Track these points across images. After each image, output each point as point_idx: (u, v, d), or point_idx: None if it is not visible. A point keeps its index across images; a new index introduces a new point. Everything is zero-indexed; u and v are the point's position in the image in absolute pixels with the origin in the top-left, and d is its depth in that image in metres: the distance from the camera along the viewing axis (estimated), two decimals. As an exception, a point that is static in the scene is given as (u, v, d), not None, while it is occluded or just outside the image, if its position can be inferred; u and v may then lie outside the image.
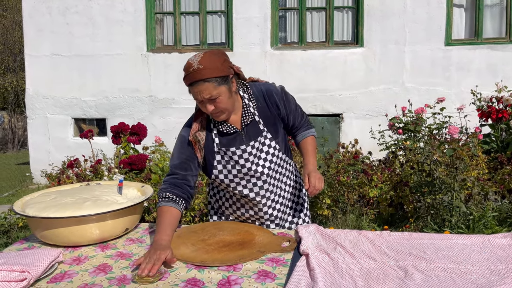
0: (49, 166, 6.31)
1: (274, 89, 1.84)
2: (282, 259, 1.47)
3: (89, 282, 1.34)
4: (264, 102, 1.81)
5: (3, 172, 10.01)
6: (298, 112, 1.94)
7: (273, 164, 1.85)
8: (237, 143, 1.79)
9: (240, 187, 1.84)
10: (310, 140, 1.97)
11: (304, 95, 6.81)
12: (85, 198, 1.67)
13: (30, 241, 1.69)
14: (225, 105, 1.65)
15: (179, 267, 1.43)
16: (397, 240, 1.60)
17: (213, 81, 1.59)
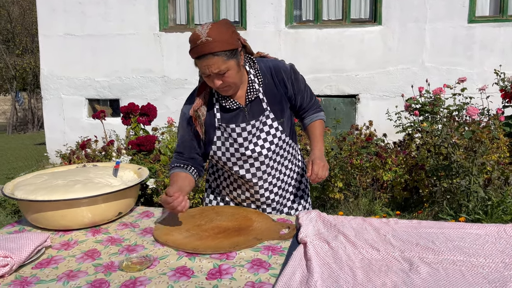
0: (63, 147, 6.36)
1: (283, 66, 1.73)
2: (279, 248, 1.38)
3: (74, 268, 1.28)
4: (271, 79, 1.71)
5: (22, 152, 10.17)
6: (307, 93, 1.83)
7: (273, 145, 1.75)
8: (238, 120, 1.70)
9: (237, 167, 1.76)
10: (318, 124, 1.85)
11: (319, 75, 6.64)
12: (76, 181, 1.61)
13: (22, 224, 1.64)
14: (233, 80, 1.58)
15: (169, 255, 1.36)
16: (404, 229, 1.49)
17: (223, 54, 1.50)
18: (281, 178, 1.85)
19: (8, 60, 15.28)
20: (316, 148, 1.78)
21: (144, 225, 1.62)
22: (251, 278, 1.20)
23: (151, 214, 1.75)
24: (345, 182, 3.88)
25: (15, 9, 14.35)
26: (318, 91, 6.67)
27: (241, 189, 1.87)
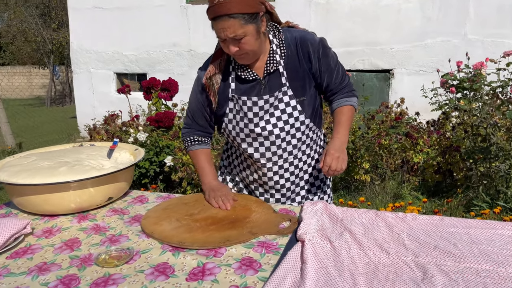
0: (92, 121, 6.40)
1: (311, 38, 1.52)
2: (275, 245, 1.23)
3: (49, 260, 1.18)
4: (295, 51, 1.52)
5: (57, 125, 10.43)
6: (338, 73, 1.60)
7: (287, 125, 1.56)
8: (252, 92, 1.54)
9: (245, 144, 1.61)
10: (347, 110, 1.61)
11: (351, 48, 6.30)
12: (64, 162, 1.50)
13: (10, 206, 1.56)
14: (250, 47, 1.41)
15: (153, 248, 1.23)
16: (422, 226, 1.29)
17: (240, 17, 1.34)
18: (295, 164, 1.66)
19: (45, 34, 15.59)
20: (337, 137, 1.56)
21: (135, 211, 1.50)
22: (236, 281, 1.05)
23: (145, 199, 1.62)
24: (372, 164, 3.65)
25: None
26: (350, 66, 6.35)
27: (250, 170, 1.71)
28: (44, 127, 10.18)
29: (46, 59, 16.42)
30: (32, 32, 15.98)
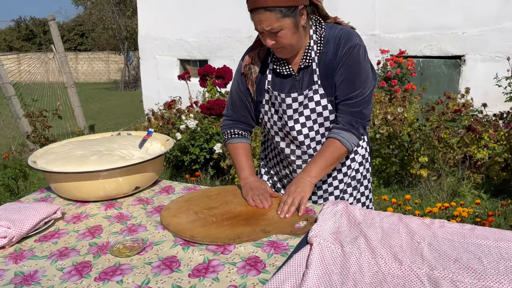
0: (155, 106, 6.68)
1: (348, 39, 1.41)
2: (285, 245, 1.20)
3: (70, 246, 1.25)
4: (332, 49, 1.44)
5: (128, 108, 11.04)
6: (354, 90, 1.43)
7: (316, 125, 1.50)
8: (285, 88, 1.51)
9: (278, 137, 1.60)
10: (333, 148, 1.45)
11: (418, 33, 5.92)
12: (96, 151, 1.57)
13: (50, 191, 1.68)
14: (287, 41, 1.37)
15: (165, 241, 1.25)
16: (449, 236, 1.19)
17: (277, 10, 1.31)
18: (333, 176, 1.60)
19: (120, 21, 16.45)
20: (306, 177, 1.45)
21: (159, 202, 1.54)
22: (236, 281, 1.04)
23: (172, 190, 1.66)
24: (429, 158, 3.43)
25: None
26: (416, 52, 5.98)
27: (282, 164, 1.69)
28: (115, 110, 10.82)
29: (121, 45, 17.37)
30: (109, 19, 16.95)
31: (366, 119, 1.48)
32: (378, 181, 3.72)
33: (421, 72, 5.75)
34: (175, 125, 4.04)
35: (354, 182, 1.64)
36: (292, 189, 1.41)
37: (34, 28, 30.36)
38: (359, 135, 1.47)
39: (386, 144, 3.57)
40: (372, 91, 1.48)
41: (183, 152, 3.89)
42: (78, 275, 1.10)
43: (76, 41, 29.11)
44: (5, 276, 1.11)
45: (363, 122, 1.47)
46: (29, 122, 4.80)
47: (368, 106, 1.47)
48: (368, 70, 1.45)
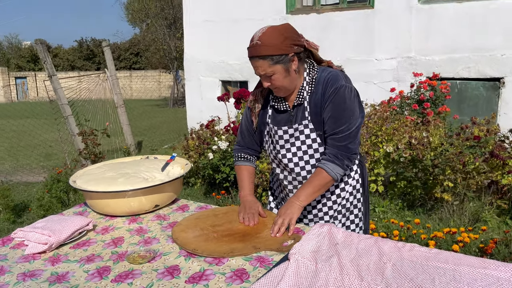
0: (197, 124, 7.06)
1: (335, 81, 1.61)
2: (270, 260, 1.40)
3: (96, 253, 1.52)
4: (321, 89, 1.65)
5: (173, 125, 11.59)
6: (339, 126, 1.61)
7: (306, 156, 1.71)
8: (281, 122, 1.73)
9: (274, 164, 1.83)
10: (320, 177, 1.63)
11: (455, 55, 5.91)
12: (124, 173, 1.85)
13: (86, 205, 1.98)
14: (280, 83, 1.61)
15: (172, 252, 1.50)
16: (414, 258, 1.34)
17: (269, 59, 1.55)
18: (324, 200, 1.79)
19: (170, 42, 17.35)
20: (295, 201, 1.63)
21: (174, 218, 1.79)
22: (222, 288, 1.26)
23: (187, 207, 1.91)
24: (452, 183, 3.47)
25: (177, -4, 16.16)
26: (453, 74, 5.96)
27: (280, 187, 1.91)
28: (162, 127, 11.41)
29: (170, 64, 18.26)
30: (160, 41, 17.92)
31: (351, 152, 1.65)
32: (402, 203, 3.79)
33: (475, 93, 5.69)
34: (210, 145, 4.33)
35: (344, 210, 1.81)
36: (282, 211, 1.61)
37: (94, 48, 32.47)
38: (343, 166, 1.65)
39: (409, 168, 3.65)
40: (358, 127, 1.65)
41: (216, 170, 4.16)
42: (99, 277, 1.36)
43: (131, 60, 30.79)
44: (43, 275, 1.39)
45: (348, 155, 1.65)
46: (82, 140, 5.30)
47: (353, 141, 1.64)
48: (354, 108, 1.63)
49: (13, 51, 37.29)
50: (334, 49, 6.61)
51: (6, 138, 10.43)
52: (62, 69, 30.80)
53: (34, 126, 10.99)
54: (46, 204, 3.94)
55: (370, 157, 3.95)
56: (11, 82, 26.68)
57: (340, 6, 6.63)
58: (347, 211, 1.82)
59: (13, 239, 1.65)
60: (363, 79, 6.46)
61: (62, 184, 4.01)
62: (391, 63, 6.33)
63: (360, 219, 1.85)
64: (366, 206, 1.87)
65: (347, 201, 1.80)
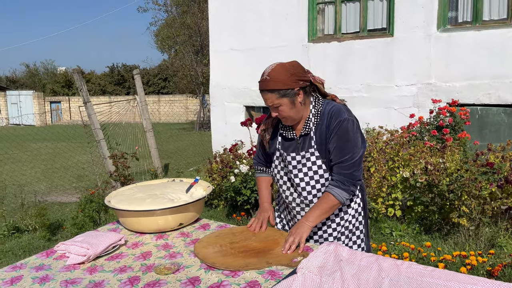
0: (221, 148, 7.32)
1: (339, 114, 1.79)
2: (280, 273, 1.57)
3: (128, 265, 1.73)
4: (326, 121, 1.83)
5: (199, 148, 11.91)
6: (344, 155, 1.79)
7: (313, 181, 1.89)
8: (289, 149, 1.92)
9: (285, 187, 2.00)
10: (327, 200, 1.80)
11: (475, 82, 5.99)
12: (152, 195, 2.07)
13: (118, 223, 2.20)
14: (286, 114, 1.81)
15: (194, 265, 1.68)
16: (410, 275, 1.48)
17: (276, 92, 1.76)
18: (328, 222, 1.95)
19: (197, 68, 17.96)
20: (305, 222, 1.79)
21: (196, 236, 1.99)
22: (236, 296, 1.43)
23: (208, 226, 2.10)
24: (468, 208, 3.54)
25: (203, 24, 16.77)
26: (474, 100, 6.03)
27: (286, 210, 2.09)
28: (188, 150, 11.74)
29: (197, 89, 18.83)
30: (188, 67, 18.57)
31: (355, 179, 1.82)
32: (420, 228, 3.87)
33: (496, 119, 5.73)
34: (232, 168, 4.54)
35: (347, 232, 1.97)
36: (293, 231, 1.78)
37: (125, 73, 33.74)
38: (349, 191, 1.82)
39: (426, 193, 3.74)
40: (361, 157, 1.82)
41: (237, 193, 4.35)
42: (130, 285, 1.55)
43: (159, 85, 31.80)
44: (82, 283, 1.60)
45: (353, 181, 1.81)
46: (112, 163, 5.61)
47: (358, 169, 1.81)
48: (357, 139, 1.80)
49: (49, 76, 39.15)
50: (355, 76, 6.80)
51: (42, 160, 10.98)
52: (94, 93, 32.08)
53: (68, 149, 11.52)
54: (80, 222, 4.21)
55: (387, 181, 4.06)
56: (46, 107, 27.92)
57: (361, 34, 6.84)
58: (350, 232, 1.97)
59: (56, 251, 1.87)
60: (383, 105, 6.59)
61: (94, 204, 4.29)
62: (411, 89, 6.45)
63: (361, 240, 2.00)
64: (366, 228, 2.02)
65: (350, 223, 1.96)
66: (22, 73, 41.13)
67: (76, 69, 6.34)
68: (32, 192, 7.03)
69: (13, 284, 1.59)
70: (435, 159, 3.87)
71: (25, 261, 1.80)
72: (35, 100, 27.33)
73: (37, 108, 27.19)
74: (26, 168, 9.80)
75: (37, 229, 4.84)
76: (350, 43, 6.89)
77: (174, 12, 18.96)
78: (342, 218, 1.95)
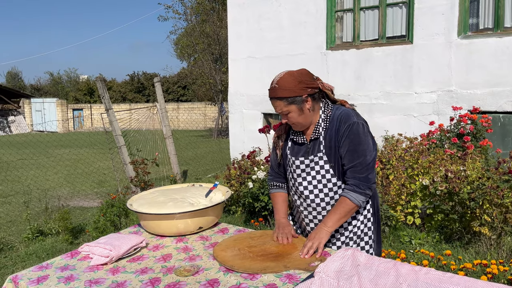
0: (239, 155, 7.37)
1: (348, 119, 1.83)
2: (297, 277, 1.59)
3: (149, 266, 1.77)
4: (335, 126, 1.86)
5: (217, 155, 11.99)
6: (357, 159, 1.80)
7: (320, 185, 1.91)
8: (299, 154, 1.95)
9: (293, 191, 2.03)
10: (344, 204, 1.82)
11: (497, 89, 5.90)
12: (172, 198, 2.12)
13: (140, 226, 2.25)
14: (295, 120, 1.86)
15: (213, 268, 1.72)
16: (428, 281, 1.48)
17: (284, 100, 1.82)
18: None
19: (216, 76, 18.14)
20: (324, 228, 1.82)
21: (215, 239, 2.02)
22: (254, 298, 1.46)
23: (227, 230, 2.14)
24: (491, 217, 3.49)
25: (222, 32, 16.96)
26: (496, 107, 5.94)
27: (298, 214, 2.10)
28: (207, 157, 11.84)
29: (216, 97, 19.00)
30: (206, 75, 18.78)
31: (370, 182, 1.83)
32: (440, 236, 3.82)
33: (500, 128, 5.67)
34: (250, 174, 4.57)
35: (355, 237, 1.97)
36: (312, 236, 1.80)
37: (145, 81, 34.27)
38: (365, 194, 1.83)
39: (446, 201, 3.70)
40: (374, 159, 1.84)
41: (255, 199, 4.38)
42: (151, 286, 1.60)
43: (178, 93, 32.18)
44: (105, 283, 1.65)
45: (368, 184, 1.82)
46: (133, 168, 5.71)
47: (372, 172, 1.83)
48: (368, 141, 1.83)
49: (72, 84, 40.07)
50: (374, 83, 6.78)
51: (65, 166, 11.23)
52: (115, 101, 32.66)
53: (90, 155, 11.76)
54: (101, 226, 4.30)
55: (406, 189, 4.03)
56: (69, 114, 28.57)
57: (380, 42, 6.83)
58: (358, 238, 1.98)
59: (80, 253, 1.93)
60: (402, 112, 6.55)
61: (115, 209, 4.37)
62: (431, 97, 6.39)
63: (370, 246, 2.00)
64: (377, 234, 2.02)
65: (358, 229, 1.97)
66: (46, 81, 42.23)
67: (99, 77, 6.51)
68: (56, 196, 7.20)
69: (40, 283, 1.65)
70: (456, 166, 3.83)
71: (51, 261, 1.87)
72: (58, 107, 28.01)
73: (60, 115, 27.83)
74: (49, 173, 10.04)
75: (60, 233, 4.95)
76: (369, 50, 6.88)
77: (194, 20, 19.22)
78: (350, 224, 1.96)
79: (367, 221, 1.98)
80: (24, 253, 4.47)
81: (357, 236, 1.97)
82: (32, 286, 1.63)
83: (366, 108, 6.88)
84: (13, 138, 20.00)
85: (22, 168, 10.80)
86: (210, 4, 19.14)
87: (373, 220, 2.00)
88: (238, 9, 8.21)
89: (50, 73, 41.61)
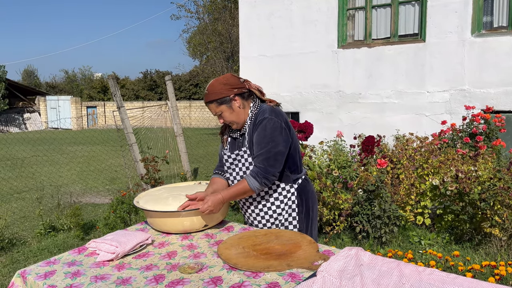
0: (249, 153, 7.38)
1: (262, 115, 2.04)
2: (300, 276, 1.59)
3: (154, 263, 1.79)
4: (255, 121, 2.06)
5: (229, 154, 12.02)
6: (260, 149, 2.01)
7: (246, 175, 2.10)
8: (234, 147, 2.17)
9: (230, 182, 2.24)
10: (243, 183, 2.05)
11: (511, 88, 5.81)
12: (178, 196, 2.13)
13: (146, 223, 2.28)
14: (228, 119, 2.09)
15: (217, 265, 1.73)
16: (432, 281, 1.47)
17: (214, 102, 2.06)
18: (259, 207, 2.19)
19: (228, 74, 18.19)
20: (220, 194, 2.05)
21: (220, 237, 2.04)
22: (256, 296, 1.46)
23: (232, 228, 2.15)
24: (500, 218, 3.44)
25: (234, 31, 16.97)
26: (510, 107, 5.85)
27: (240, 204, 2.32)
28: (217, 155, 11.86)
29: (227, 95, 19.05)
30: (219, 73, 18.82)
31: (268, 173, 2.02)
32: (450, 237, 3.78)
33: None
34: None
35: (275, 215, 2.18)
36: (211, 199, 2.02)
37: (158, 79, 34.49)
38: (261, 183, 2.03)
39: (456, 201, 3.66)
40: (277, 154, 1.99)
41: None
42: (156, 282, 1.62)
43: (190, 91, 32.30)
44: (111, 278, 1.67)
45: (265, 175, 2.02)
46: (143, 166, 5.76)
47: (273, 165, 2.00)
48: (274, 137, 1.99)
49: (86, 82, 40.52)
50: (385, 81, 6.73)
51: (78, 163, 11.38)
52: (128, 98, 32.94)
53: (102, 152, 11.89)
54: (111, 223, 4.36)
55: (416, 189, 4.00)
56: (83, 111, 28.91)
57: (391, 40, 6.77)
58: (282, 225, 2.17)
59: (87, 249, 1.96)
60: (414, 111, 6.49)
61: (125, 206, 4.42)
62: (443, 96, 6.32)
63: (292, 224, 2.20)
64: (304, 226, 2.19)
65: (279, 215, 2.16)
66: (61, 79, 42.76)
67: (111, 75, 6.58)
68: (68, 193, 7.31)
69: (47, 278, 1.68)
70: (467, 167, 3.78)
71: (58, 257, 1.90)
72: (72, 105, 28.35)
73: (74, 112, 28.17)
74: (63, 170, 10.19)
75: (71, 229, 5.03)
76: (381, 48, 6.83)
77: (206, 19, 19.30)
78: (270, 208, 2.18)
79: (292, 211, 2.19)
80: (36, 248, 4.55)
81: (279, 221, 2.18)
82: (39, 281, 1.67)
83: (377, 107, 6.84)
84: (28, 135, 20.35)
85: (36, 165, 10.97)
86: (222, 3, 19.18)
87: (299, 211, 2.18)
88: (249, 7, 8.22)
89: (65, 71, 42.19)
